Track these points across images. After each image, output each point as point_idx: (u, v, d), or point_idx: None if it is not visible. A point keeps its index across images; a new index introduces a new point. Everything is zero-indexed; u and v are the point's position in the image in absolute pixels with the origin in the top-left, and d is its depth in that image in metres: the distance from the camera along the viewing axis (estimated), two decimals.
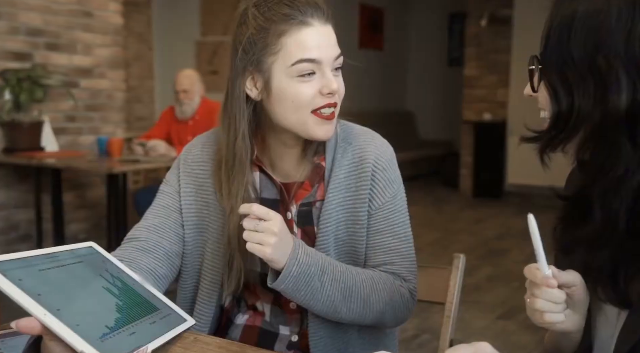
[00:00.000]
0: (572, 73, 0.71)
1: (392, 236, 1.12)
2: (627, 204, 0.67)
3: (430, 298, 1.33)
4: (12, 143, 3.76)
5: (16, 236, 3.94)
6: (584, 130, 0.71)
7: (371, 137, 1.15)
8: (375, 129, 1.18)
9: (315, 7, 1.02)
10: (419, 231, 5.23)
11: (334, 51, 1.04)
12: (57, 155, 3.73)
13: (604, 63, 0.69)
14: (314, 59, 1.01)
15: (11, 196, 3.91)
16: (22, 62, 3.85)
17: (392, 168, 1.13)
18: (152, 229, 1.12)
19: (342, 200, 1.10)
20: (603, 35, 0.69)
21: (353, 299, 1.04)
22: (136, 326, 0.86)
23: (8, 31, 3.80)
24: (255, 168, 1.13)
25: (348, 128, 1.17)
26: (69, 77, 4.15)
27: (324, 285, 1.02)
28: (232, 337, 1.17)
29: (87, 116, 4.33)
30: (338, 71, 1.07)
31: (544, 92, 0.76)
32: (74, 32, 4.18)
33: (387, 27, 8.89)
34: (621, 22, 0.68)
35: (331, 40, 1.05)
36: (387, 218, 1.12)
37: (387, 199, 1.12)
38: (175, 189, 1.16)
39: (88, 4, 4.26)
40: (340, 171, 1.11)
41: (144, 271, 1.05)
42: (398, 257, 1.12)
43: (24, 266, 0.79)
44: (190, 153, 1.18)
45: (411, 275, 1.14)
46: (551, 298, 0.75)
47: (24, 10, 3.88)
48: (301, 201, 1.12)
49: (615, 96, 0.68)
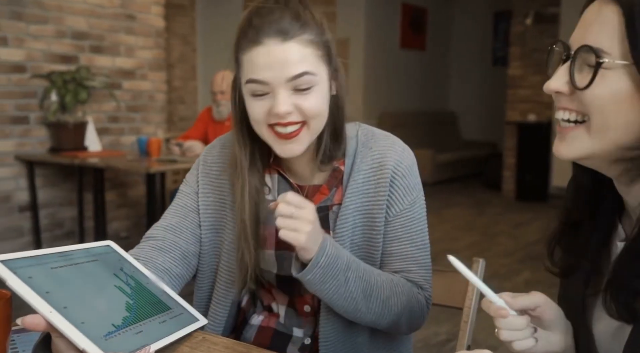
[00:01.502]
0: None
1: (410, 244, 1.11)
2: None
3: (450, 303, 1.31)
4: (58, 142, 3.89)
5: (61, 233, 4.08)
6: None
7: (392, 142, 1.13)
8: (416, 130, 1.15)
9: (271, 24, 0.97)
10: (457, 233, 5.16)
11: (289, 71, 0.97)
12: (99, 155, 3.84)
13: None
14: (260, 81, 0.98)
15: (56, 194, 4.05)
16: (68, 64, 3.99)
17: (412, 175, 1.11)
18: (169, 229, 1.14)
19: (360, 205, 1.10)
20: None
21: (373, 299, 1.04)
22: (144, 325, 0.87)
23: (55, 35, 3.94)
24: (273, 170, 1.14)
25: (369, 132, 1.15)
26: (112, 79, 4.27)
27: (348, 281, 1.01)
28: (246, 337, 1.18)
29: (129, 117, 4.45)
30: (306, 90, 0.99)
31: (608, 96, 0.65)
32: (118, 35, 4.30)
33: (430, 26, 8.80)
34: None
35: (287, 59, 0.97)
36: (405, 225, 1.10)
37: (406, 206, 1.10)
38: (194, 189, 1.17)
39: (131, 7, 4.37)
40: (359, 175, 1.10)
41: (159, 271, 1.07)
42: (415, 265, 1.11)
43: (35, 264, 0.82)
44: (210, 154, 1.19)
45: (427, 283, 1.13)
46: (512, 327, 0.73)
47: (70, 15, 4.01)
48: (318, 204, 1.11)
49: None
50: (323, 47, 1.01)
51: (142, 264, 1.03)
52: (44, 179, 3.97)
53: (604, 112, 0.65)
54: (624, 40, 0.63)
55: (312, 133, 1.04)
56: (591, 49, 0.65)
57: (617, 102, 0.64)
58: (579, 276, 0.80)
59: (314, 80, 0.99)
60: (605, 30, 0.65)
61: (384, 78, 7.95)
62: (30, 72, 3.81)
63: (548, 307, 0.76)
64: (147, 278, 1.01)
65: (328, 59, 1.03)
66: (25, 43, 3.79)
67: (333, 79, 1.06)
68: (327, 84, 1.03)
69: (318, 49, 1.00)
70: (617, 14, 0.64)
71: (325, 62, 1.02)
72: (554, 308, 0.77)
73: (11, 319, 0.81)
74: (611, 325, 0.76)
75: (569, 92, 0.69)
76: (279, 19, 0.97)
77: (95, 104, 4.16)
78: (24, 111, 3.84)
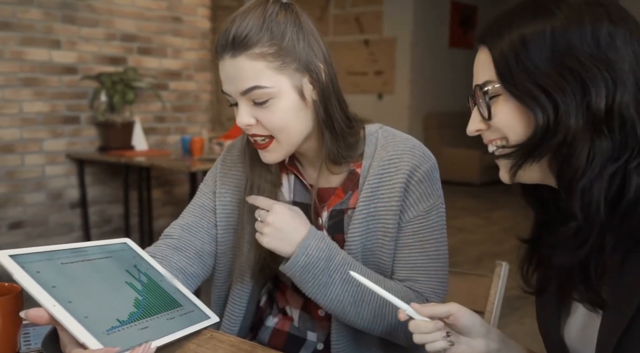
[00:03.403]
0: (548, 80, 0.72)
1: (420, 253, 1.07)
2: (604, 192, 0.70)
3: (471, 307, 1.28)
4: (106, 142, 4.02)
5: (109, 229, 4.21)
6: (563, 136, 0.71)
7: (412, 146, 1.09)
8: (464, 131, 1.04)
9: (224, 39, 0.98)
10: (503, 236, 5.04)
11: (239, 86, 0.98)
12: (145, 154, 3.94)
13: (576, 64, 0.71)
14: (225, 93, 1.02)
15: (105, 192, 4.18)
16: (117, 66, 4.11)
17: (429, 181, 1.08)
18: (186, 228, 1.16)
19: (374, 210, 1.07)
20: (571, 42, 0.72)
21: (364, 305, 1.02)
22: (150, 321, 0.89)
23: (105, 37, 4.07)
24: (290, 171, 1.14)
25: (390, 135, 1.11)
26: (159, 80, 4.38)
27: (334, 283, 1.01)
28: (261, 338, 1.18)
29: (175, 117, 4.55)
30: (264, 103, 0.99)
31: (505, 116, 0.76)
32: (165, 36, 4.41)
33: (480, 24, 8.63)
34: (584, 26, 0.72)
35: (237, 74, 0.98)
36: (417, 232, 1.07)
37: (420, 213, 1.06)
38: (212, 189, 1.18)
39: (178, 9, 4.47)
40: (374, 179, 1.07)
41: (174, 269, 1.09)
42: (424, 276, 1.07)
43: (45, 259, 0.85)
44: (230, 154, 1.20)
45: (435, 296, 1.07)
46: (420, 330, 0.82)
47: (119, 18, 4.14)
48: (332, 207, 1.10)
49: (595, 96, 0.70)
50: (284, 56, 0.98)
51: (158, 262, 1.05)
52: (93, 177, 4.11)
53: (514, 129, 0.76)
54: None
55: (286, 145, 1.03)
56: (479, 86, 0.78)
57: (514, 118, 0.76)
58: (552, 290, 0.86)
59: (270, 92, 0.98)
60: (485, 68, 0.78)
61: (432, 78, 7.84)
62: (81, 74, 3.95)
63: (461, 315, 0.84)
64: (162, 276, 1.02)
65: (298, 66, 0.99)
66: (77, 46, 3.93)
67: (311, 84, 1.02)
68: (293, 95, 1.00)
69: (275, 60, 0.98)
70: (488, 53, 0.77)
71: (289, 72, 0.99)
72: (469, 315, 0.85)
73: None
74: (579, 327, 0.83)
75: (486, 127, 0.80)
76: (228, 34, 0.98)
77: (142, 104, 4.28)
78: (75, 111, 3.98)
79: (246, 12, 0.99)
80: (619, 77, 0.70)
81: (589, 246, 0.72)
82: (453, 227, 5.51)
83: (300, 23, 1.01)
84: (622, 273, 0.72)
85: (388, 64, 7.79)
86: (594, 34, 0.71)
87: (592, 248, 0.73)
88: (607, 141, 0.69)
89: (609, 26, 0.71)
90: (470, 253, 4.48)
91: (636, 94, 0.70)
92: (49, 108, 3.85)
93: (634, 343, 0.70)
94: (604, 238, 0.72)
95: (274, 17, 0.99)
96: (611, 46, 0.71)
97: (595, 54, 0.70)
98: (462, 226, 5.46)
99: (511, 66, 0.74)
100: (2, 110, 3.63)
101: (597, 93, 0.70)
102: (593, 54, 0.70)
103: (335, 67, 1.05)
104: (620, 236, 0.71)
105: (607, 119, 0.70)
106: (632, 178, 0.69)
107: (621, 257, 0.72)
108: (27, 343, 0.91)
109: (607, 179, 0.70)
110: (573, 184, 0.71)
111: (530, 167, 0.77)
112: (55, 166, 3.93)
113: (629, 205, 0.70)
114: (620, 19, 0.72)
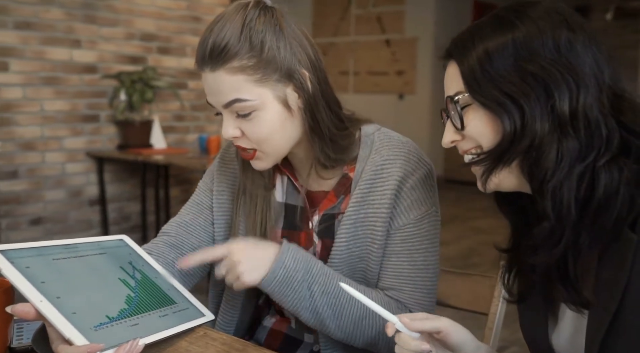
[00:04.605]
0: (513, 87, 0.74)
1: (407, 262, 1.03)
2: (574, 191, 0.72)
3: (475, 308, 1.26)
4: (125, 140, 4.07)
5: (127, 226, 4.25)
6: (530, 139, 0.73)
7: (407, 151, 1.05)
8: None
9: (202, 52, 0.95)
10: None
11: (222, 99, 0.96)
12: (164, 152, 3.97)
13: (538, 70, 0.73)
14: (210, 104, 1.00)
15: (123, 189, 4.23)
16: (137, 65, 4.15)
17: (423, 188, 1.04)
18: (183, 225, 1.15)
19: (363, 215, 1.03)
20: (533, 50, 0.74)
21: (344, 317, 0.99)
22: (141, 318, 0.88)
23: (125, 37, 4.12)
24: (283, 173, 1.13)
25: (386, 138, 1.07)
26: (178, 79, 4.41)
27: (313, 295, 0.98)
28: (258, 338, 1.17)
29: (193, 115, 4.58)
30: (248, 115, 0.97)
31: (477, 124, 0.78)
32: (184, 36, 4.44)
33: None
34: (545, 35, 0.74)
35: (218, 88, 0.96)
36: (405, 241, 1.03)
37: (410, 221, 1.03)
38: (209, 187, 1.18)
39: (197, 9, 4.50)
40: (365, 184, 1.04)
41: (170, 266, 1.09)
42: (409, 286, 1.03)
43: (36, 255, 0.85)
44: (228, 152, 1.20)
45: (419, 307, 1.04)
46: (402, 344, 0.81)
47: (139, 17, 4.18)
48: (324, 211, 1.08)
49: (559, 99, 0.72)
50: (264, 68, 0.95)
51: (154, 259, 1.05)
52: (112, 174, 4.15)
53: (486, 136, 0.78)
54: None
55: (273, 154, 1.02)
56: (450, 97, 0.80)
57: (486, 126, 0.77)
58: (538, 298, 0.86)
59: (252, 105, 0.96)
60: (454, 80, 0.80)
61: None
62: (101, 73, 4.00)
63: (452, 331, 0.82)
64: (157, 273, 1.02)
65: (280, 77, 0.97)
66: (97, 45, 3.98)
67: (296, 92, 0.99)
68: (277, 106, 0.98)
69: (254, 72, 0.95)
70: (456, 67, 0.80)
71: (270, 84, 0.96)
72: (459, 333, 0.83)
73: None
74: (570, 333, 0.83)
75: (460, 138, 0.81)
76: (205, 46, 0.95)
77: (161, 103, 4.31)
78: (94, 110, 4.03)
79: (224, 20, 0.96)
80: (580, 80, 0.72)
81: (564, 244, 0.74)
82: (472, 228, 5.45)
83: (281, 29, 0.97)
84: (600, 270, 0.74)
85: (409, 64, 7.74)
86: (554, 41, 0.74)
87: (567, 246, 0.74)
88: (574, 141, 0.71)
89: (568, 33, 0.74)
90: (489, 254, 4.42)
91: (599, 96, 0.72)
92: (69, 107, 3.90)
93: (619, 337, 0.71)
94: (579, 236, 0.74)
95: (253, 25, 0.95)
96: (571, 51, 0.73)
97: (557, 59, 0.73)
98: (481, 227, 5.40)
99: (477, 77, 0.76)
100: (23, 108, 3.69)
101: (561, 96, 0.72)
102: (555, 59, 0.73)
103: (325, 68, 1.03)
104: (595, 233, 0.73)
105: (572, 121, 0.72)
106: (600, 176, 0.71)
107: (598, 254, 0.74)
108: (20, 338, 0.91)
109: (576, 179, 0.72)
110: (544, 185, 0.73)
111: (501, 172, 0.78)
112: (75, 163, 3.98)
113: (600, 203, 0.71)
114: (578, 26, 0.75)
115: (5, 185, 3.67)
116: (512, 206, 0.86)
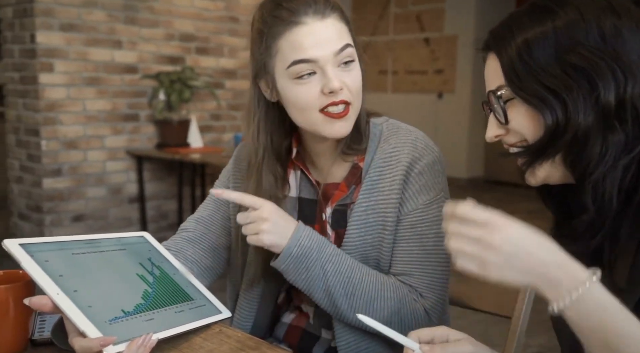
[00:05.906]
0: (555, 80, 0.72)
1: (417, 247, 1.04)
2: (618, 183, 0.71)
3: (498, 311, 1.23)
4: (163, 139, 4.15)
5: (165, 224, 4.34)
6: (573, 133, 0.71)
7: (414, 138, 1.07)
8: None
9: (308, 4, 0.98)
10: None
11: (334, 46, 0.98)
12: (200, 151, 4.03)
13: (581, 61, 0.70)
14: (308, 59, 0.97)
15: (162, 188, 4.31)
16: (175, 65, 4.23)
17: (431, 173, 1.05)
18: (201, 221, 1.17)
19: (374, 203, 1.05)
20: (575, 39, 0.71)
21: (356, 298, 1.00)
22: (157, 313, 0.90)
23: (164, 38, 4.20)
24: (296, 167, 1.13)
25: (394, 127, 1.10)
26: (215, 79, 4.47)
27: (327, 274, 1.00)
28: (277, 334, 1.18)
29: (230, 115, 4.64)
30: (348, 64, 1.00)
31: (521, 118, 0.77)
32: (222, 36, 4.49)
33: None
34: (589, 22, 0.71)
35: (330, 35, 0.99)
36: (414, 226, 1.04)
37: (419, 206, 1.04)
38: (225, 184, 1.20)
39: (235, 10, 4.55)
40: (375, 172, 1.06)
41: (189, 262, 1.10)
42: (418, 270, 1.04)
43: (57, 249, 0.88)
44: (243, 150, 1.21)
45: (430, 292, 1.04)
46: None
47: (178, 18, 4.25)
48: (337, 202, 1.09)
49: (603, 90, 0.69)
50: (350, 25, 1.03)
51: (173, 255, 1.07)
52: (151, 173, 4.24)
53: (531, 130, 0.76)
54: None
55: (355, 112, 1.04)
56: (492, 92, 0.79)
57: (530, 120, 0.76)
58: None
59: (355, 53, 1.02)
60: (496, 74, 0.78)
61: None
62: (141, 73, 4.09)
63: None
64: (176, 269, 1.04)
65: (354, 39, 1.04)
66: (138, 46, 4.07)
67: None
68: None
69: (348, 25, 1.03)
70: (496, 59, 0.78)
71: (356, 41, 1.04)
72: None
73: None
74: None
75: (505, 132, 0.80)
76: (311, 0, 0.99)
77: (199, 102, 4.38)
78: (134, 109, 4.12)
79: None
80: (628, 68, 0.69)
81: (602, 235, 0.73)
82: None
83: None
84: (637, 259, 0.72)
85: (448, 62, 7.64)
86: (598, 28, 0.70)
87: (604, 237, 0.74)
88: (620, 133, 0.69)
89: (614, 18, 0.70)
90: None
91: None
92: (110, 106, 4.00)
93: None
94: (619, 227, 0.72)
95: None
96: (618, 38, 0.69)
97: (602, 48, 0.69)
98: None
99: (517, 70, 0.74)
100: (67, 108, 3.81)
101: (606, 87, 0.69)
102: (599, 47, 0.69)
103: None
104: (637, 224, 0.71)
105: (618, 112, 0.69)
106: None
107: (637, 244, 0.72)
108: (42, 330, 0.94)
109: (621, 171, 0.70)
110: (585, 179, 0.71)
111: (545, 165, 0.76)
112: (116, 161, 4.08)
113: None
114: (624, 11, 0.71)
115: (49, 182, 3.79)
116: (555, 198, 0.84)
